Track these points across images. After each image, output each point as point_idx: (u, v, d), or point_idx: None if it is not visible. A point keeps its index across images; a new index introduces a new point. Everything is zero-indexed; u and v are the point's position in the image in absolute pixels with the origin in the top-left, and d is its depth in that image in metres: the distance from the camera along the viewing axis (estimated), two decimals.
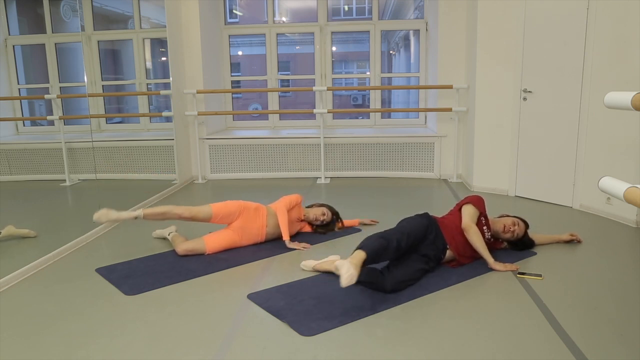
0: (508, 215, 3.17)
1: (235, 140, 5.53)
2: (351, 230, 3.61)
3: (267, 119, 6.23)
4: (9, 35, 4.32)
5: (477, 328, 2.21)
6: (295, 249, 3.24)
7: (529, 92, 4.25)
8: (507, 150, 4.51)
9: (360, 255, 2.41)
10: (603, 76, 3.74)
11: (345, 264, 2.31)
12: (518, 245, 3.12)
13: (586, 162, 3.95)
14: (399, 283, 2.56)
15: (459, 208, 2.99)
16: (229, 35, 5.99)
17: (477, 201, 2.95)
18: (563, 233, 3.33)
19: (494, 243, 3.07)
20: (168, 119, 5.25)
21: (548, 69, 4.09)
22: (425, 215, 2.89)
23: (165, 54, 5.06)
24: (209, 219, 3.20)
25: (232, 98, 6.24)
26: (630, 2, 3.48)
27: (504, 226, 3.00)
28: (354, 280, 2.30)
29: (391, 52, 8.15)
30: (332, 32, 5.90)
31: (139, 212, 3.06)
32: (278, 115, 6.16)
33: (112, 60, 5.65)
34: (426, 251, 2.74)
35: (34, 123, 4.86)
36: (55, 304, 2.51)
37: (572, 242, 3.28)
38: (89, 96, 4.63)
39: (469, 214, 2.88)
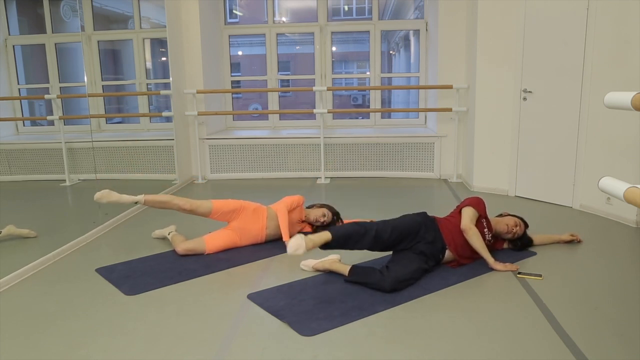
0: (508, 214, 3.18)
1: (235, 141, 5.53)
2: None
3: (267, 119, 6.23)
4: (9, 35, 4.32)
5: (477, 328, 2.21)
6: None
7: (529, 92, 4.25)
8: (507, 151, 4.51)
9: (325, 235, 2.50)
10: (603, 76, 3.74)
11: (299, 237, 2.39)
12: (517, 244, 3.13)
13: (586, 162, 3.95)
14: (398, 282, 2.56)
15: (459, 210, 2.99)
16: (229, 35, 5.99)
17: (477, 203, 2.95)
18: (563, 233, 3.33)
19: (495, 243, 3.07)
20: (168, 119, 5.25)
21: (548, 69, 4.09)
22: (422, 214, 2.90)
23: (165, 54, 5.06)
24: (208, 214, 3.23)
25: (232, 98, 6.25)
26: (630, 2, 3.48)
27: (507, 226, 3.02)
28: (300, 250, 2.36)
29: (391, 52, 8.15)
30: (332, 32, 5.90)
31: (140, 197, 3.14)
32: (278, 115, 6.16)
33: (112, 60, 5.65)
34: (423, 249, 2.75)
35: (34, 123, 4.87)
36: (55, 304, 2.51)
37: (572, 242, 3.28)
38: (89, 96, 4.63)
39: (468, 215, 2.88)
